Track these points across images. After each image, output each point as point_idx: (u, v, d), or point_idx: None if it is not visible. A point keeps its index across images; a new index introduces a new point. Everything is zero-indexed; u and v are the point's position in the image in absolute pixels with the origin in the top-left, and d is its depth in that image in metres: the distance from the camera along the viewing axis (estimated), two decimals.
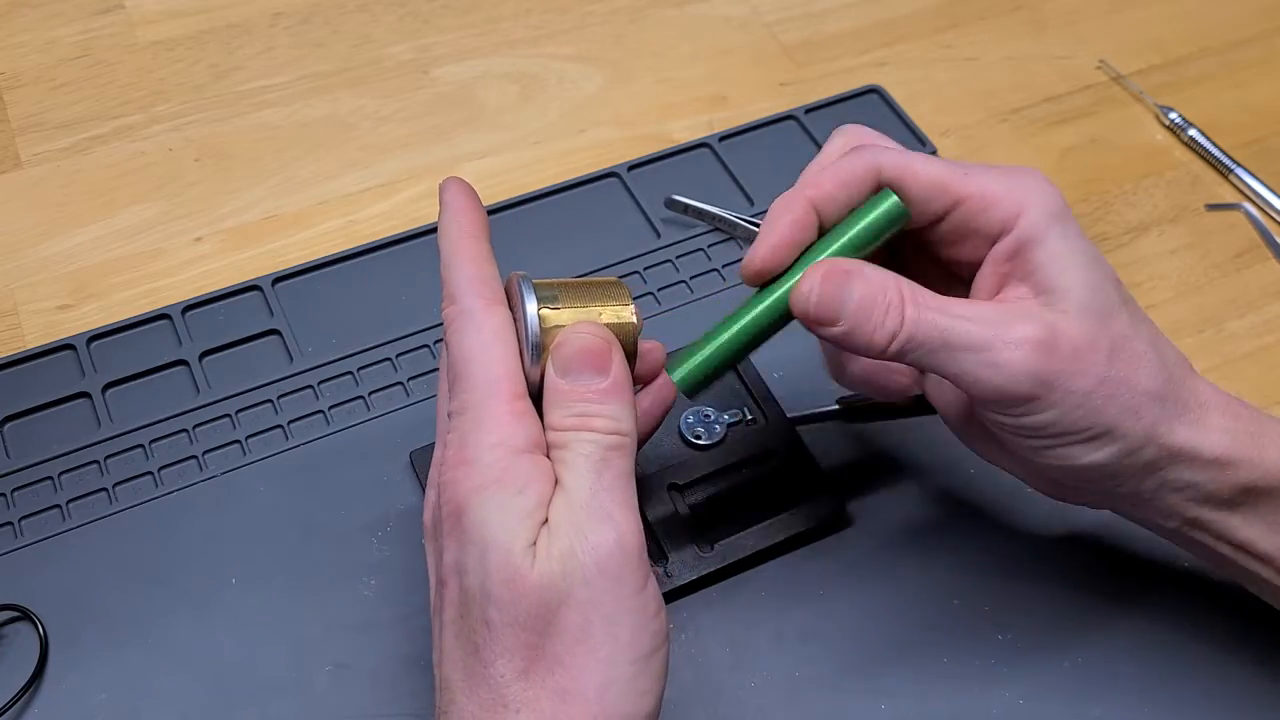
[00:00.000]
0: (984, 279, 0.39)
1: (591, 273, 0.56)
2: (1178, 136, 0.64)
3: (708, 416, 0.50)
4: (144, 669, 0.44)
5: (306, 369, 0.52)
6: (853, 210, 0.40)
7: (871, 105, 0.64)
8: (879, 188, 0.39)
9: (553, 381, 0.36)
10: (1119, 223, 0.61)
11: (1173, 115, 0.64)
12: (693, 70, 0.67)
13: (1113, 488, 0.39)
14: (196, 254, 0.57)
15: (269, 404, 0.51)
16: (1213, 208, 0.62)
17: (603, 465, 0.35)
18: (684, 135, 0.63)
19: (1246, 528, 0.39)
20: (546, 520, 0.34)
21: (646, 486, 0.47)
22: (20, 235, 0.58)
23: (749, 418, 0.50)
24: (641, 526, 0.35)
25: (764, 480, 0.48)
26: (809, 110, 0.63)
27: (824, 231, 0.40)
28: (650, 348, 0.40)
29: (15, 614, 0.45)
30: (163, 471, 0.49)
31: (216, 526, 0.47)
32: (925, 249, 0.41)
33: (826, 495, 0.48)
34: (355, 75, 0.65)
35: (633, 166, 0.60)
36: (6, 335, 0.54)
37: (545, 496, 0.34)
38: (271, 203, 0.59)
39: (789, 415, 0.50)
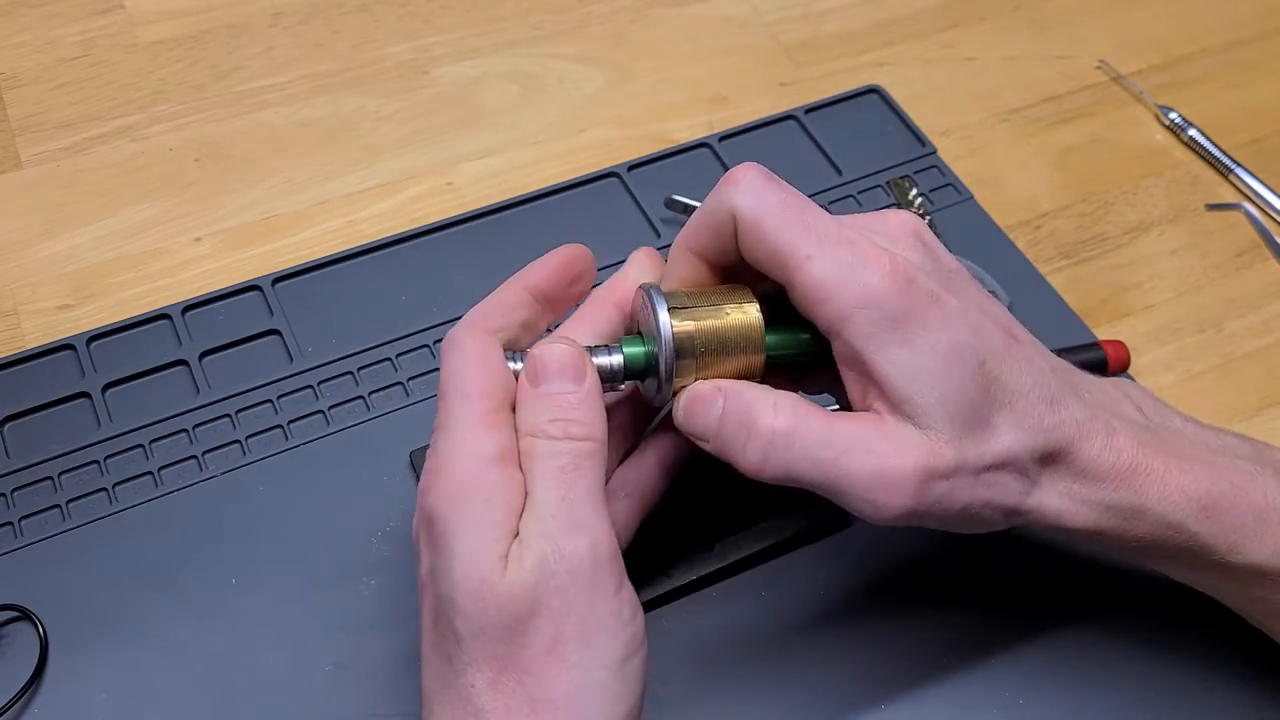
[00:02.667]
0: (842, 368, 0.37)
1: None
2: (1178, 136, 0.64)
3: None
4: (144, 669, 0.44)
5: (306, 369, 0.52)
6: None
7: (871, 105, 0.64)
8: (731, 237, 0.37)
9: (525, 390, 0.37)
10: (1119, 223, 0.61)
11: (1173, 115, 0.64)
12: (693, 70, 0.67)
13: None
14: (196, 254, 0.57)
15: (269, 404, 0.51)
16: (1213, 208, 0.62)
17: (574, 473, 0.35)
18: (684, 135, 0.63)
19: (1143, 560, 0.41)
20: (518, 531, 0.34)
21: None
22: (20, 235, 0.58)
23: None
24: (614, 534, 0.35)
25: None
26: (809, 110, 0.63)
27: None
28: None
29: (15, 614, 0.45)
30: (163, 471, 0.49)
31: (216, 526, 0.47)
32: None
33: (828, 500, 0.48)
34: (355, 75, 0.65)
35: (633, 166, 0.60)
36: (6, 335, 0.54)
37: (515, 507, 0.34)
38: (271, 203, 0.59)
39: None
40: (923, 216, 0.58)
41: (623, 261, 0.56)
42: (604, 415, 0.36)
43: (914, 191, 0.60)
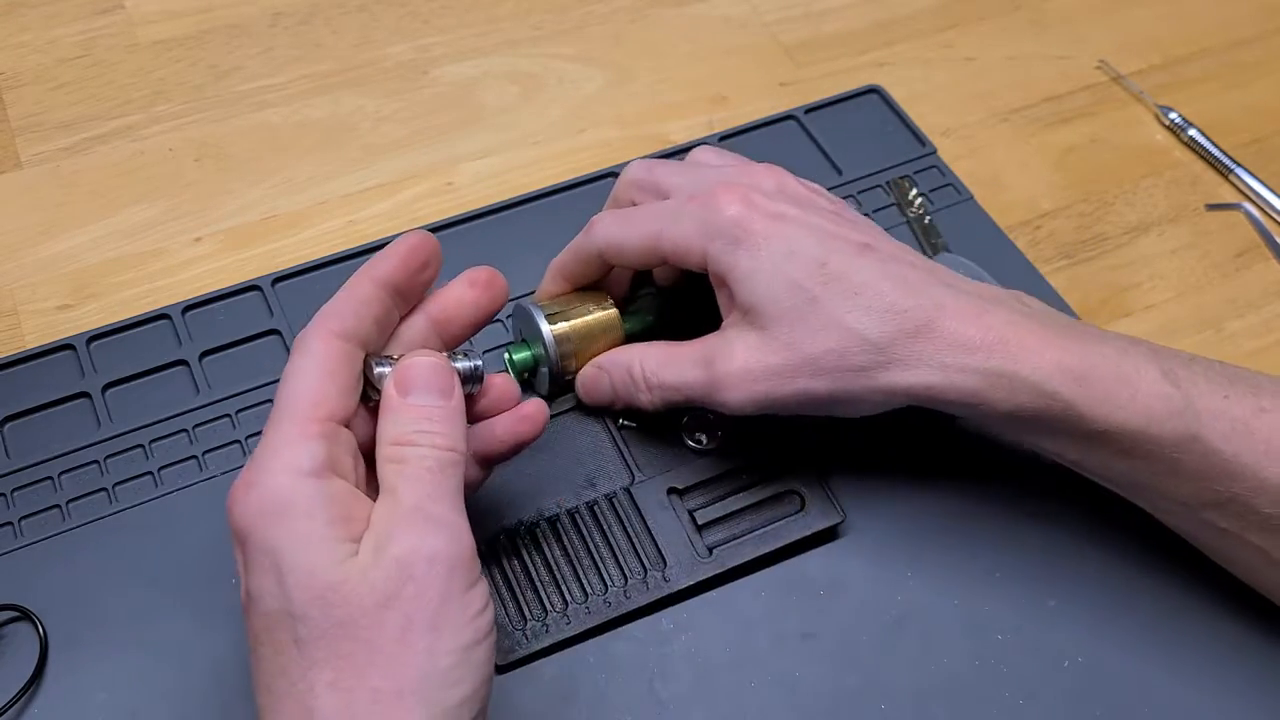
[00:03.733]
0: (721, 307, 0.45)
1: None
2: (1178, 136, 0.64)
3: (709, 420, 0.49)
4: (144, 669, 0.44)
5: None
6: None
7: (871, 105, 0.64)
8: (604, 265, 0.47)
9: (393, 400, 0.38)
10: (1119, 223, 0.61)
11: (1173, 115, 0.64)
12: (693, 70, 0.67)
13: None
14: (196, 254, 0.57)
15: (269, 404, 0.51)
16: (1213, 208, 0.62)
17: (441, 476, 0.36)
18: (684, 135, 0.63)
19: (1025, 437, 0.44)
20: (365, 530, 0.35)
21: (646, 491, 0.48)
22: (20, 235, 0.58)
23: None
24: (471, 535, 0.36)
25: (764, 484, 0.48)
26: (809, 110, 0.63)
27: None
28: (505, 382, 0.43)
29: (15, 614, 0.45)
30: (163, 471, 0.49)
31: (216, 526, 0.47)
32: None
33: (826, 499, 0.48)
34: (355, 75, 0.65)
35: None
36: (6, 335, 0.54)
37: (338, 514, 0.35)
38: (271, 203, 0.59)
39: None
40: (923, 216, 0.58)
41: None
42: (465, 429, 0.38)
43: (914, 191, 0.60)
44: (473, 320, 0.42)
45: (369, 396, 0.39)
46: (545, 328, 0.48)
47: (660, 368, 0.45)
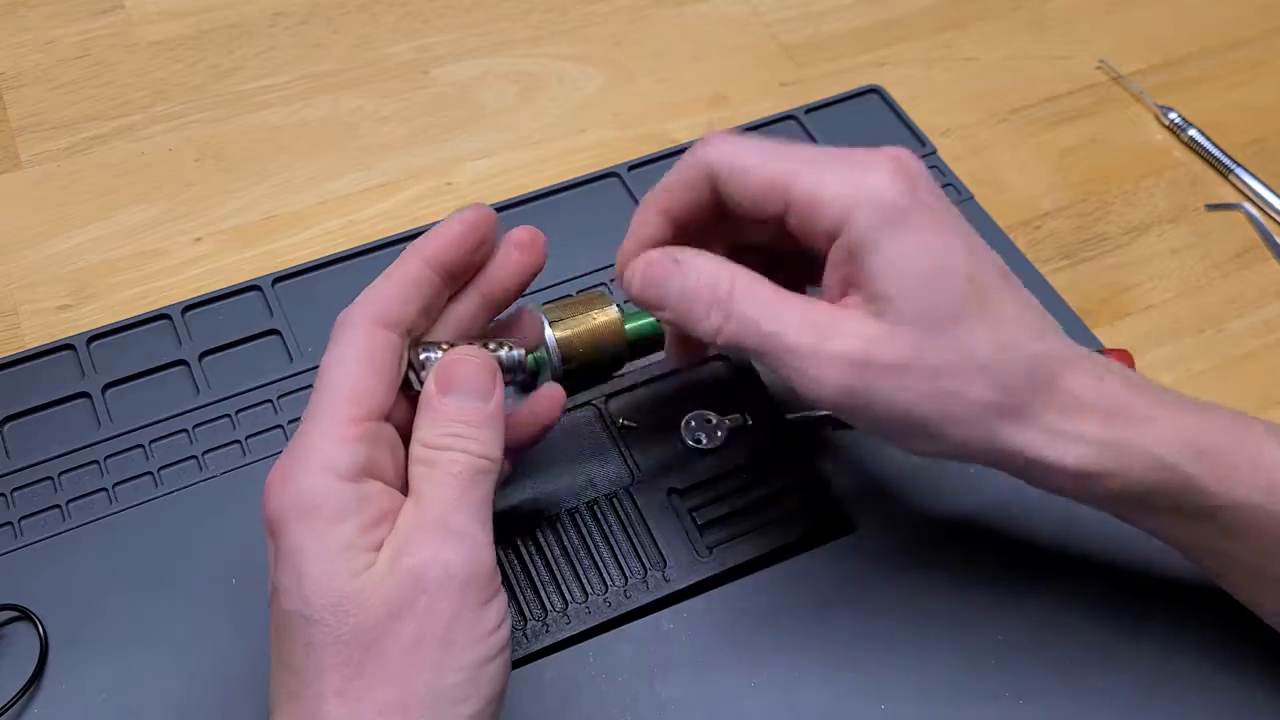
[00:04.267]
0: (830, 278, 0.38)
1: (592, 273, 0.56)
2: (1178, 136, 0.64)
3: (709, 421, 0.49)
4: (144, 669, 0.44)
5: (306, 369, 0.52)
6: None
7: (871, 105, 0.64)
8: (712, 191, 0.39)
9: (432, 398, 0.36)
10: (1119, 223, 0.61)
11: (1173, 115, 0.64)
12: (693, 70, 0.67)
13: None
14: (196, 254, 0.57)
15: (269, 404, 0.51)
16: (1213, 208, 0.62)
17: (469, 485, 0.35)
18: (684, 135, 0.63)
19: (1127, 515, 0.40)
20: (385, 539, 0.34)
21: (645, 491, 0.48)
22: (20, 235, 0.58)
23: (750, 421, 0.50)
24: (493, 549, 0.35)
25: (765, 484, 0.48)
26: (809, 110, 0.63)
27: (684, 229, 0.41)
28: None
29: (15, 614, 0.45)
30: (163, 471, 0.49)
31: (216, 526, 0.47)
32: (794, 237, 0.39)
33: (828, 499, 0.48)
34: (355, 75, 0.65)
35: (633, 166, 0.60)
36: (6, 335, 0.54)
37: (369, 520, 0.34)
38: (271, 203, 0.59)
39: (790, 418, 0.50)
40: None
41: None
42: (502, 434, 0.37)
43: None
44: (519, 285, 0.41)
45: (410, 385, 0.38)
46: (548, 332, 0.48)
47: (759, 302, 0.37)
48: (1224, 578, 0.41)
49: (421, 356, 0.38)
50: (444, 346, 0.39)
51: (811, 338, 0.36)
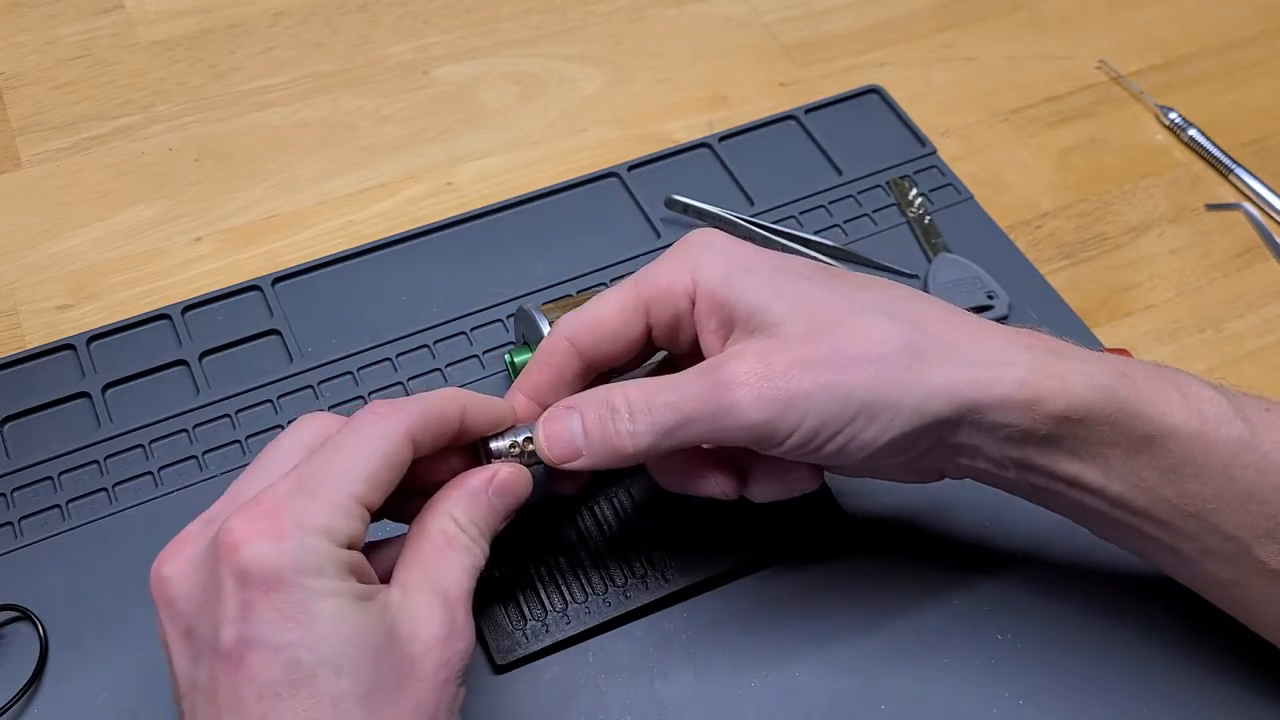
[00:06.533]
0: (706, 343, 0.40)
1: (592, 273, 0.56)
2: (1178, 136, 0.64)
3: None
4: (144, 669, 0.44)
5: (306, 369, 0.52)
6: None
7: (871, 105, 0.64)
8: (582, 359, 0.41)
9: (483, 490, 0.38)
10: (1119, 223, 0.61)
11: (1173, 115, 0.64)
12: (693, 70, 0.67)
13: (938, 454, 0.39)
14: (196, 254, 0.57)
15: (269, 404, 0.51)
16: (1213, 208, 0.62)
17: (471, 576, 0.36)
18: (684, 135, 0.63)
19: (1071, 462, 0.38)
20: (379, 595, 0.34)
21: (646, 491, 0.48)
22: (20, 235, 0.58)
23: None
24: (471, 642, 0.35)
25: None
26: (809, 110, 0.63)
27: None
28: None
29: (15, 614, 0.45)
30: (163, 471, 0.49)
31: None
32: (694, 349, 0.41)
33: (827, 499, 0.48)
34: (355, 75, 0.65)
35: (633, 166, 0.60)
36: (6, 335, 0.54)
37: (360, 593, 0.33)
38: (271, 203, 0.59)
39: None
40: (923, 216, 0.58)
41: (621, 262, 0.57)
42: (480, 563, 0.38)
43: (914, 191, 0.60)
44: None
45: (479, 455, 0.40)
46: (546, 330, 0.48)
47: (650, 391, 0.38)
48: (1174, 549, 0.40)
49: (493, 445, 0.40)
50: (520, 441, 0.40)
51: (707, 379, 0.37)
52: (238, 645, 0.32)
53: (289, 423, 0.50)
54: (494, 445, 0.40)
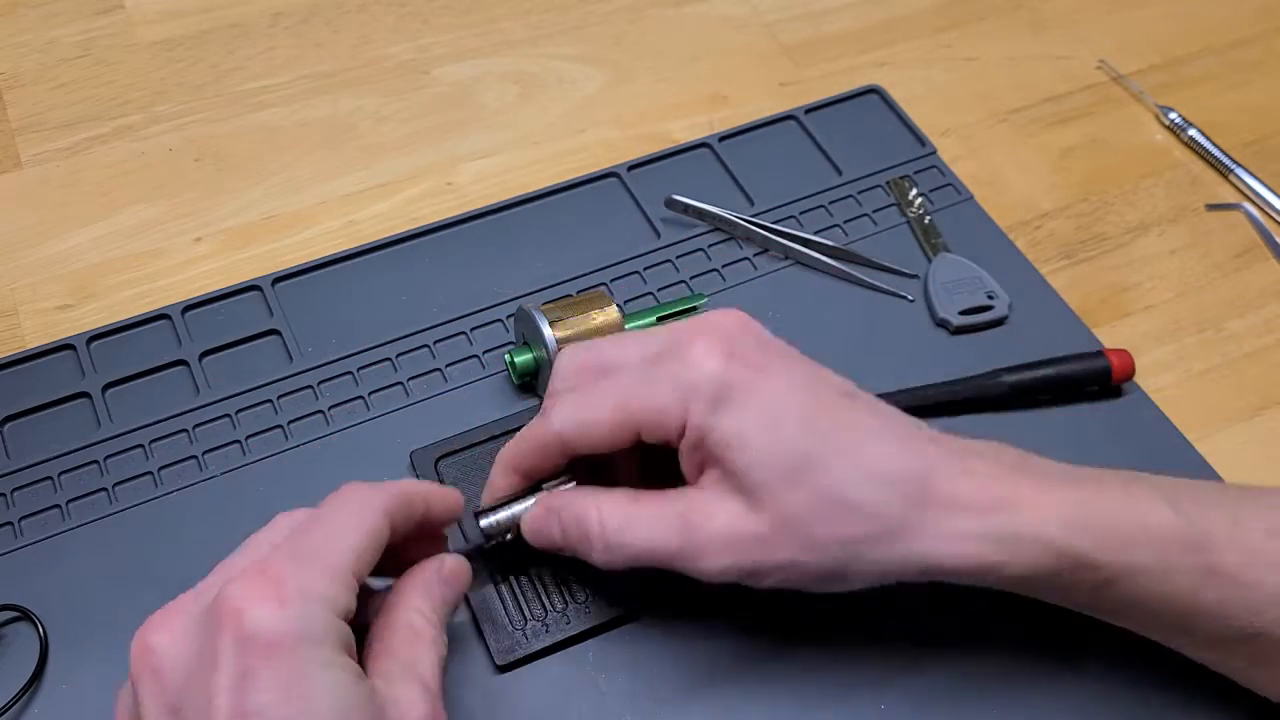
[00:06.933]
0: (686, 464, 0.40)
1: (592, 273, 0.56)
2: (1178, 136, 0.64)
3: None
4: None
5: (306, 369, 0.52)
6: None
7: (871, 105, 0.64)
8: (570, 452, 0.41)
9: (432, 584, 0.38)
10: (1119, 223, 0.61)
11: (1173, 115, 0.64)
12: (693, 70, 0.67)
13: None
14: (196, 254, 0.57)
15: (269, 404, 0.51)
16: (1213, 208, 0.62)
17: (440, 666, 0.36)
18: (684, 135, 0.63)
19: (1037, 593, 0.40)
20: (371, 683, 0.34)
21: None
22: (20, 235, 0.58)
23: None
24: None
25: None
26: (809, 110, 0.63)
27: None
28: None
29: (15, 614, 0.45)
30: (163, 471, 0.49)
31: (216, 526, 0.47)
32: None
33: None
34: (355, 75, 0.65)
35: (633, 166, 0.61)
36: (6, 335, 0.54)
37: (355, 669, 0.33)
38: (271, 203, 0.59)
39: None
40: (923, 216, 0.58)
41: (621, 261, 0.57)
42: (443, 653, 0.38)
43: (914, 191, 0.60)
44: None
45: (490, 537, 0.43)
46: (547, 330, 0.48)
47: (623, 526, 0.39)
48: (1158, 639, 0.41)
49: (483, 524, 0.42)
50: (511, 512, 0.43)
51: (680, 539, 0.38)
52: (233, 717, 0.31)
53: (289, 423, 0.50)
54: (484, 524, 0.42)
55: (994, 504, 0.37)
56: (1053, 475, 0.39)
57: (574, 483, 0.42)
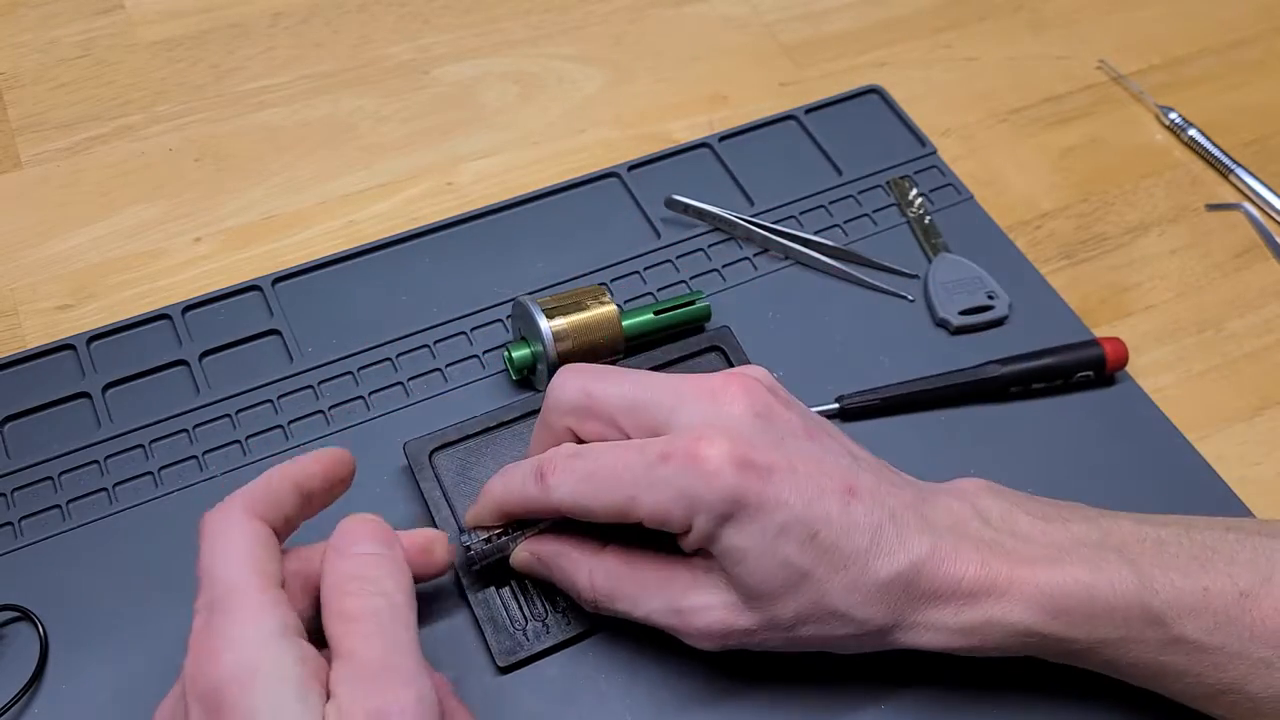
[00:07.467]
0: (682, 543, 0.40)
1: (592, 273, 0.56)
2: (1178, 136, 0.64)
3: None
4: (144, 669, 0.44)
5: (306, 369, 0.52)
6: None
7: (871, 105, 0.64)
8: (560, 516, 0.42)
9: (335, 561, 0.37)
10: (1119, 223, 0.61)
11: (1173, 115, 0.64)
12: (693, 70, 0.67)
13: None
14: (196, 254, 0.57)
15: (269, 404, 0.51)
16: (1213, 208, 0.62)
17: (393, 626, 0.35)
18: (684, 135, 0.63)
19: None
20: (329, 696, 0.33)
21: None
22: (20, 235, 0.58)
23: None
24: (433, 685, 0.35)
25: None
26: (809, 110, 0.63)
27: None
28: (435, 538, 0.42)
29: (15, 614, 0.45)
30: (163, 471, 0.49)
31: None
32: None
33: None
34: (355, 75, 0.65)
35: (633, 166, 0.61)
36: (6, 335, 0.54)
37: (309, 675, 0.33)
38: (271, 203, 0.59)
39: None
40: (923, 216, 0.58)
41: (621, 261, 0.57)
42: (410, 579, 0.37)
43: (914, 191, 0.60)
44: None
45: (472, 563, 0.43)
46: (542, 322, 0.48)
47: (614, 594, 0.41)
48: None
49: (471, 552, 0.43)
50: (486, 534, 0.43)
51: (668, 621, 0.41)
52: None
53: (289, 423, 0.50)
54: (472, 552, 0.43)
55: (971, 593, 0.39)
56: (1031, 546, 0.40)
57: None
